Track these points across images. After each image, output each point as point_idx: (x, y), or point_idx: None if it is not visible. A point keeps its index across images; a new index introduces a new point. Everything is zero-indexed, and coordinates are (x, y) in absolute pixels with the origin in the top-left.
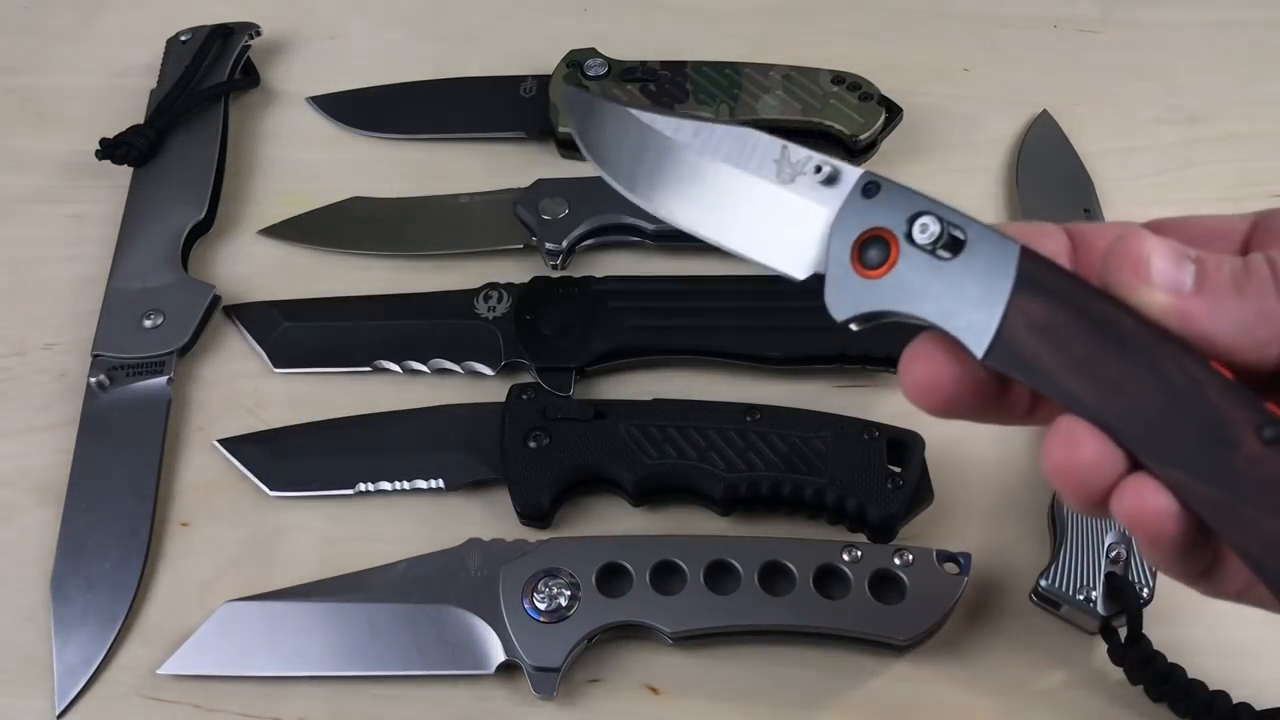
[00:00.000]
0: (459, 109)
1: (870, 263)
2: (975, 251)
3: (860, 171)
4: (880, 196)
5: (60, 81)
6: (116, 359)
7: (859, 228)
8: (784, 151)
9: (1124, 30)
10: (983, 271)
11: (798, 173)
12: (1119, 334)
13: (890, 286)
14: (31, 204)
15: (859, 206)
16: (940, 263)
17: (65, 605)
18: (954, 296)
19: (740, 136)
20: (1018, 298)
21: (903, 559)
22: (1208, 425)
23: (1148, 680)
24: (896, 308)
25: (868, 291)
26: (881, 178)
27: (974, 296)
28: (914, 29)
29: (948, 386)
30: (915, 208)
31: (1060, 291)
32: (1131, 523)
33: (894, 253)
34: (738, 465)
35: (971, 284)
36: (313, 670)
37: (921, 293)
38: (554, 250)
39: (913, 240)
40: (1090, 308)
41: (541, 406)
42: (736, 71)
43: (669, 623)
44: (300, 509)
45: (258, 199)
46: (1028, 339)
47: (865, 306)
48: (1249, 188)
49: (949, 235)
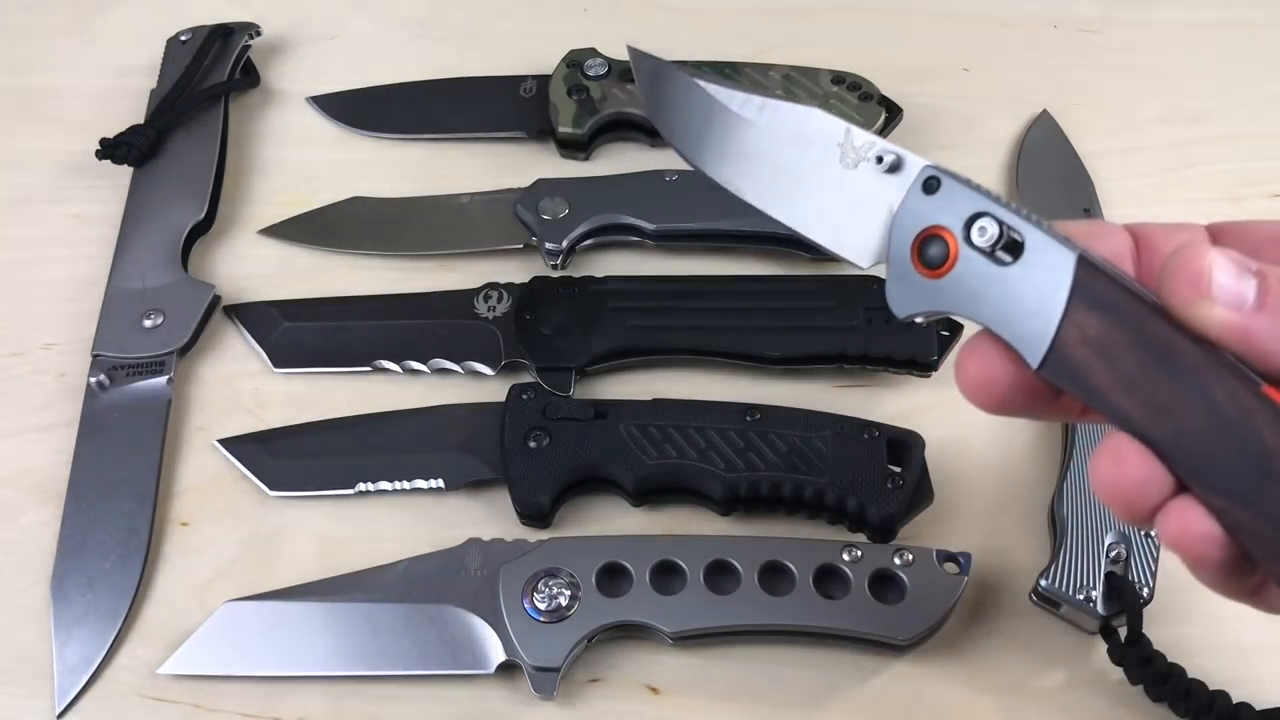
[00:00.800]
0: (459, 109)
1: (930, 262)
2: (1033, 257)
3: (922, 164)
4: (941, 193)
5: (60, 81)
6: (116, 359)
7: (918, 225)
8: (847, 135)
9: (1124, 30)
10: (1039, 279)
11: (861, 158)
12: (1171, 356)
13: (949, 288)
14: (31, 204)
15: (919, 202)
16: (998, 266)
17: (65, 605)
18: (1011, 303)
19: (805, 116)
20: (1073, 310)
21: (903, 559)
22: (1254, 456)
23: (1148, 680)
24: (955, 310)
25: (928, 291)
26: (943, 171)
27: (1030, 304)
28: (914, 29)
29: (1002, 387)
30: (974, 207)
31: (1115, 307)
32: (1174, 546)
33: (953, 253)
34: (738, 465)
35: (1028, 292)
36: (313, 670)
37: (979, 296)
38: (554, 250)
39: (971, 241)
40: (1144, 327)
41: (541, 406)
42: (736, 71)
43: (669, 623)
44: (300, 509)
45: (258, 199)
46: (1081, 353)
47: (925, 306)
48: (1249, 188)
49: (1008, 237)
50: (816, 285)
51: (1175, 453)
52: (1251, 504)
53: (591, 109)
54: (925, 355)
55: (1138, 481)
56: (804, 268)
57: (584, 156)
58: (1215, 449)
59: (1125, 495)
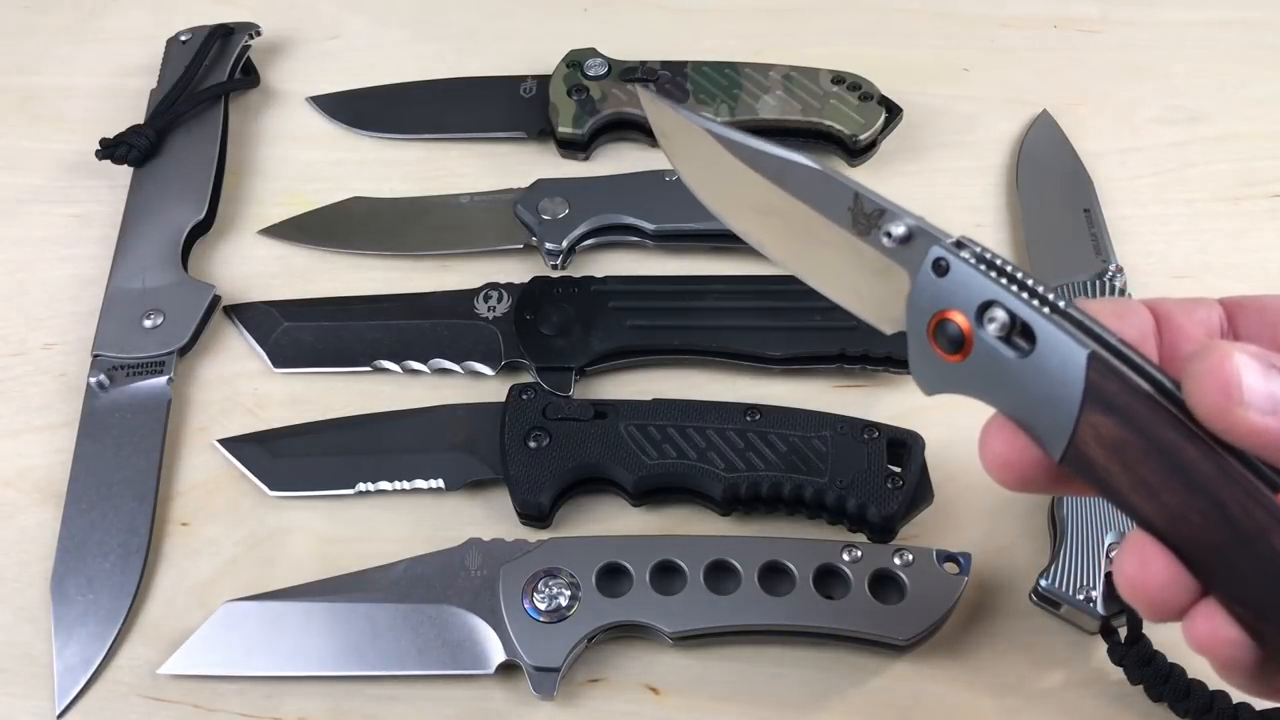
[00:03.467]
0: (459, 109)
1: (946, 345)
2: (1046, 351)
3: (932, 244)
4: (952, 276)
5: (60, 81)
6: (116, 359)
7: (932, 309)
8: (856, 200)
9: (1124, 30)
10: (1053, 376)
11: (872, 225)
12: (1185, 467)
13: (969, 373)
14: (31, 204)
15: (931, 283)
16: (1014, 356)
17: (65, 605)
18: (1028, 395)
19: (816, 178)
20: (1087, 411)
21: (903, 559)
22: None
23: (1148, 680)
24: (975, 395)
25: (948, 374)
26: (953, 252)
27: (1047, 399)
28: (914, 29)
29: (1026, 470)
30: (985, 295)
31: (1128, 411)
32: (1200, 651)
33: (968, 339)
34: (738, 465)
35: (1043, 387)
36: (313, 670)
37: (997, 385)
38: (554, 250)
39: (985, 330)
40: (1158, 434)
41: (541, 406)
42: (736, 71)
43: (669, 623)
44: (300, 509)
45: (258, 199)
46: (1098, 453)
47: (949, 388)
48: (1249, 188)
49: (1021, 325)
50: None
51: (1195, 560)
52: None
53: (591, 109)
54: None
55: (1161, 585)
56: None
57: (584, 156)
58: (1233, 559)
59: (1150, 598)
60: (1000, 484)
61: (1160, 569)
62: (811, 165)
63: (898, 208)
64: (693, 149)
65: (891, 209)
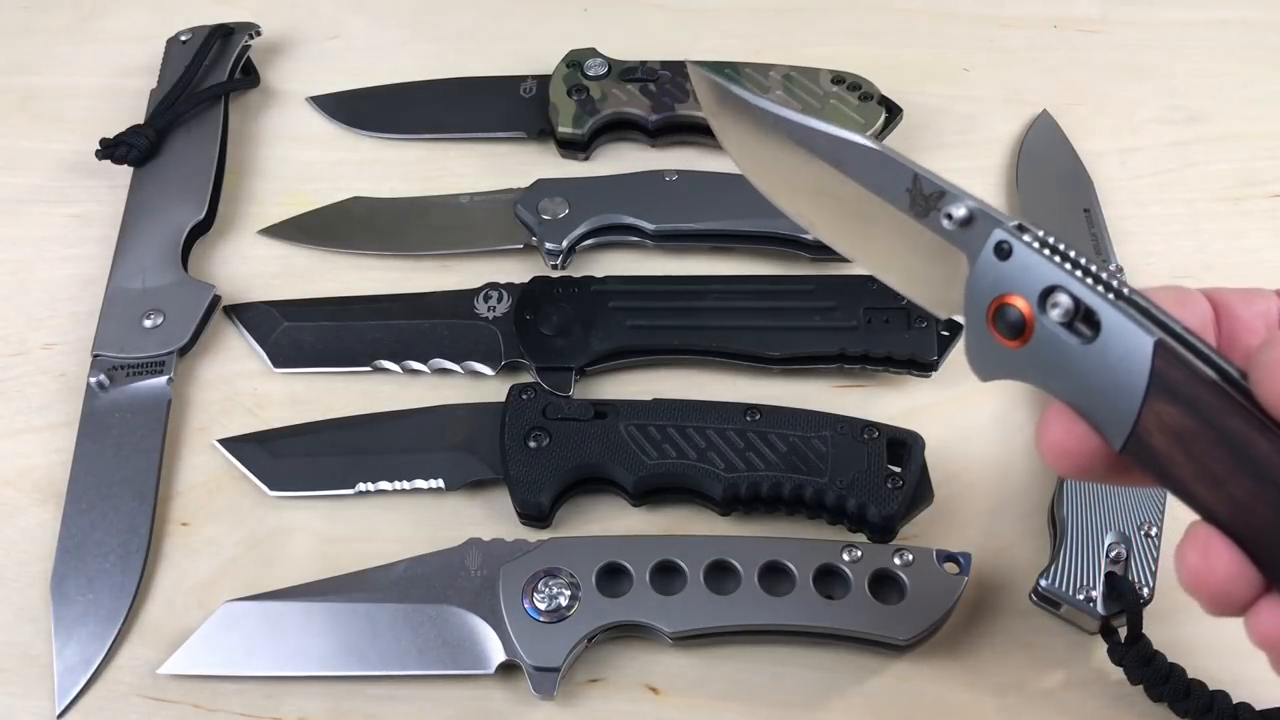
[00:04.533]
0: (459, 109)
1: (1006, 330)
2: (1110, 337)
3: (995, 227)
4: (1014, 260)
5: (60, 81)
6: (116, 359)
7: (992, 292)
8: (915, 182)
9: (1124, 30)
10: (1118, 361)
11: (930, 207)
12: (1254, 458)
13: (1028, 359)
14: (31, 204)
15: (992, 267)
16: (1078, 342)
17: (65, 605)
18: (1090, 382)
19: (874, 158)
20: (1152, 399)
21: (903, 559)
22: None
23: (1148, 680)
24: (1035, 382)
25: (1006, 359)
26: (1015, 235)
27: (1110, 387)
28: (914, 29)
29: (1085, 457)
30: (1049, 280)
31: (1195, 400)
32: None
33: (1029, 324)
34: (738, 465)
35: (1106, 374)
36: (313, 670)
37: (1058, 372)
38: (554, 250)
39: (1048, 315)
40: (1225, 423)
41: (541, 406)
42: (736, 71)
43: (669, 623)
44: (300, 509)
45: (258, 199)
46: (1162, 442)
47: (1005, 373)
48: (1249, 188)
49: (1085, 309)
50: (816, 285)
51: (1259, 553)
52: None
53: (591, 109)
54: (925, 355)
55: (1226, 578)
56: (804, 268)
57: (584, 156)
58: None
59: (1212, 591)
60: (1058, 472)
61: (1225, 561)
62: (869, 145)
63: (958, 190)
64: (744, 128)
65: (952, 190)
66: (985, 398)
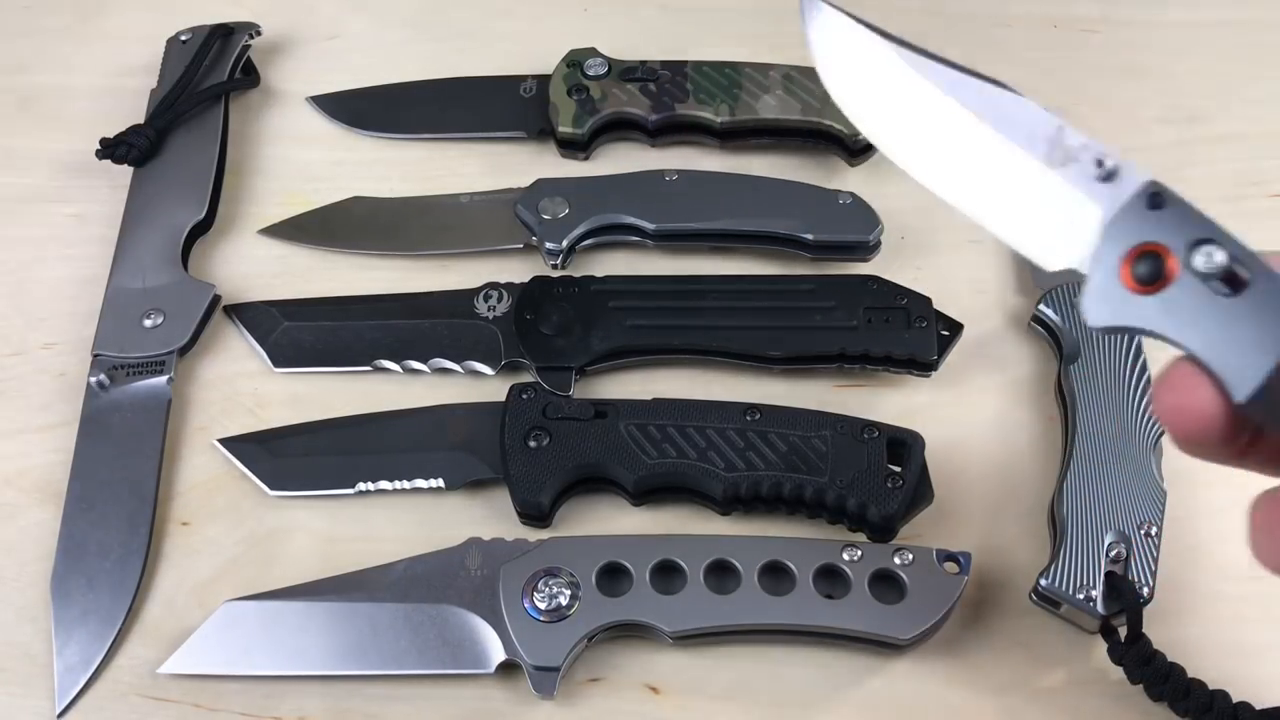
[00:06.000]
0: (459, 109)
1: (1141, 277)
2: (1256, 295)
3: (1146, 178)
4: (1166, 211)
5: (60, 81)
6: (116, 359)
7: (1136, 238)
8: (1060, 132)
9: (1124, 30)
10: (1260, 318)
11: (1071, 158)
12: None
13: (1158, 307)
14: (31, 204)
15: (1140, 216)
16: (1217, 297)
17: (65, 605)
18: (1225, 335)
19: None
20: None
21: (903, 558)
22: None
23: (1148, 680)
24: (1160, 330)
25: (1133, 306)
26: (1167, 190)
27: (1246, 341)
28: (913, 29)
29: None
30: (1201, 233)
31: None
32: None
33: (1169, 274)
34: (738, 465)
35: (1246, 328)
36: (312, 670)
37: (1191, 322)
38: (554, 250)
39: (1192, 266)
40: None
41: (541, 406)
42: (736, 71)
43: (669, 622)
44: (300, 508)
45: (258, 199)
46: None
47: (1126, 320)
48: (1249, 188)
49: (1232, 270)
50: (816, 285)
51: None
52: None
53: (591, 109)
54: (925, 355)
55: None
56: (804, 268)
57: (584, 156)
58: None
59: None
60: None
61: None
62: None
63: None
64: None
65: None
66: (985, 398)
